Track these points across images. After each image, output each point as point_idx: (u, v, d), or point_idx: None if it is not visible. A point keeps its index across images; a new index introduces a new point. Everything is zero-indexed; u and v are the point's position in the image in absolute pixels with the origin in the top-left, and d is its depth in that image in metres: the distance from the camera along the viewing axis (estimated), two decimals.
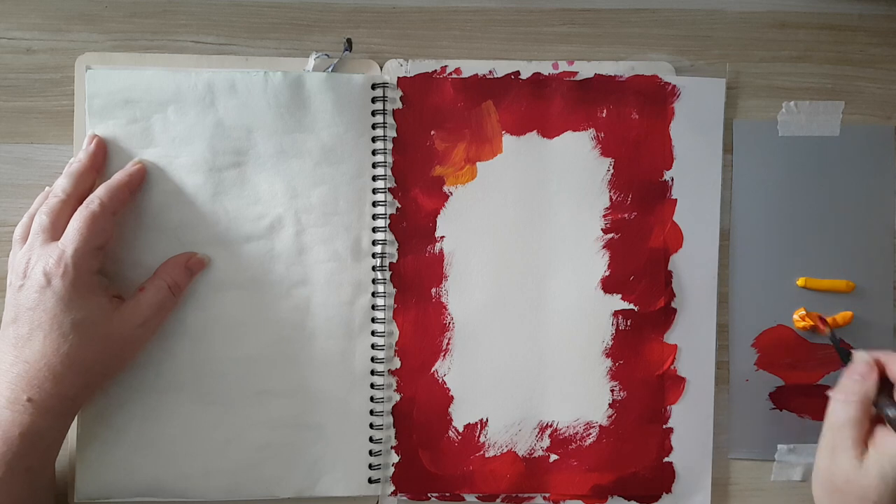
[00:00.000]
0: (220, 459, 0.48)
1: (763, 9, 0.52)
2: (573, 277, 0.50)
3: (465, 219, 0.50)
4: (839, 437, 0.40)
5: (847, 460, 0.40)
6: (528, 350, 0.50)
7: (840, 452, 0.40)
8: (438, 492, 0.50)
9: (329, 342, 0.49)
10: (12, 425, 0.41)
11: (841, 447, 0.40)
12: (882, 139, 0.52)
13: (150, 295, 0.46)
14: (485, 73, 0.51)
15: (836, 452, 0.40)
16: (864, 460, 0.39)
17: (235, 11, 0.51)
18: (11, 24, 0.50)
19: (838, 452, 0.40)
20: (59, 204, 0.45)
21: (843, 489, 0.40)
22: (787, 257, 0.51)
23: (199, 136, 0.48)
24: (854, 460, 0.39)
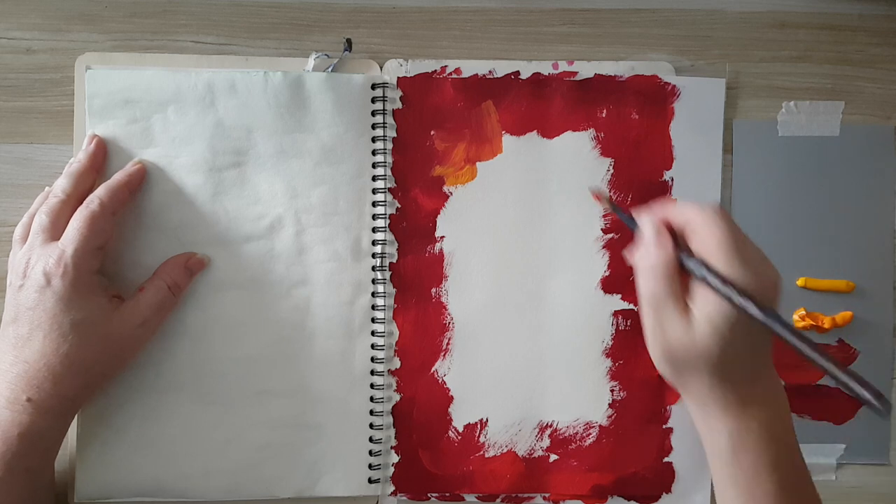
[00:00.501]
0: (220, 459, 0.48)
1: (763, 9, 0.52)
2: (573, 277, 0.50)
3: (465, 219, 0.50)
4: (661, 310, 0.39)
5: (677, 329, 0.39)
6: (528, 350, 0.50)
7: (668, 324, 0.39)
8: (438, 492, 0.50)
9: (329, 342, 0.49)
10: (12, 425, 0.41)
11: (668, 318, 0.39)
12: (882, 139, 0.52)
13: (150, 295, 0.46)
14: (485, 73, 0.51)
15: (665, 325, 0.39)
16: (691, 321, 0.38)
17: (235, 11, 0.51)
18: (11, 24, 0.50)
19: (666, 324, 0.39)
20: (58, 204, 0.45)
21: (685, 356, 0.39)
22: (787, 257, 0.51)
23: (199, 136, 0.48)
24: (684, 326, 0.39)
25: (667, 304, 0.39)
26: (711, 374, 0.40)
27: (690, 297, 0.39)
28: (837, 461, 0.51)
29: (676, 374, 0.41)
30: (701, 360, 0.39)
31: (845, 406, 0.51)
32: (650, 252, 0.41)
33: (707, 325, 0.38)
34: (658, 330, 0.40)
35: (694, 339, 0.39)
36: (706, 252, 0.39)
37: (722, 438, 0.40)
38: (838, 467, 0.51)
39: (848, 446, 0.51)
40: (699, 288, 0.39)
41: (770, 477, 0.39)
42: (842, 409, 0.51)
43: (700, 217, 0.40)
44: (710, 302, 0.38)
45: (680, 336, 0.39)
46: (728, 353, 0.39)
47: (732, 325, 0.38)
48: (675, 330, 0.39)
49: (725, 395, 0.40)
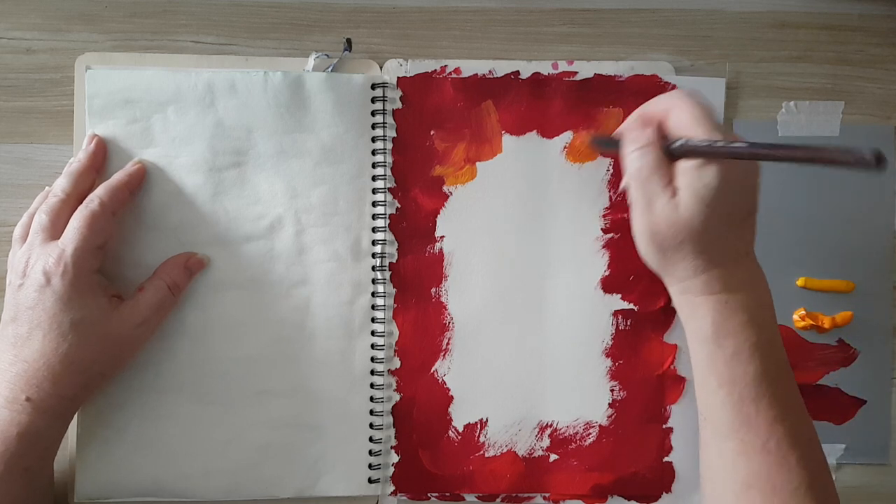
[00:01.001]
0: (220, 459, 0.48)
1: (763, 9, 0.52)
2: (573, 277, 0.50)
3: (465, 219, 0.50)
4: (649, 187, 0.40)
5: (664, 204, 0.39)
6: (528, 350, 0.50)
7: (655, 200, 0.40)
8: (438, 492, 0.50)
9: (329, 342, 0.49)
10: (10, 425, 0.41)
11: (654, 194, 0.40)
12: (882, 139, 0.52)
13: (150, 295, 0.46)
14: (485, 73, 0.51)
15: (652, 201, 0.40)
16: (677, 196, 0.39)
17: (235, 11, 0.51)
18: (11, 24, 0.50)
19: (654, 201, 0.40)
20: (58, 203, 0.45)
21: (671, 233, 0.40)
22: (787, 257, 0.51)
23: (199, 136, 0.48)
24: (670, 201, 0.39)
25: (652, 180, 0.40)
26: (696, 254, 0.40)
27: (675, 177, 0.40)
28: (837, 461, 0.51)
29: (661, 257, 0.41)
30: (685, 235, 0.39)
31: (845, 406, 0.51)
32: (634, 136, 0.41)
33: (692, 197, 0.39)
34: (645, 208, 0.40)
35: (679, 213, 0.39)
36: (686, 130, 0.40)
37: (705, 323, 0.40)
38: (838, 467, 0.51)
39: (848, 446, 0.51)
40: (684, 165, 0.39)
41: (751, 362, 0.39)
42: (842, 409, 0.51)
43: (673, 102, 0.41)
44: (695, 175, 0.39)
45: (666, 212, 0.39)
46: (712, 227, 0.39)
47: (717, 197, 0.38)
48: (661, 205, 0.40)
49: (709, 278, 0.40)
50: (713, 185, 0.38)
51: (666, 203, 0.39)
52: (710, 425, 0.41)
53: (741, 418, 0.39)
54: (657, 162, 0.40)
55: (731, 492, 0.39)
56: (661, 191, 0.40)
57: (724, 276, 0.40)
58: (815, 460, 0.39)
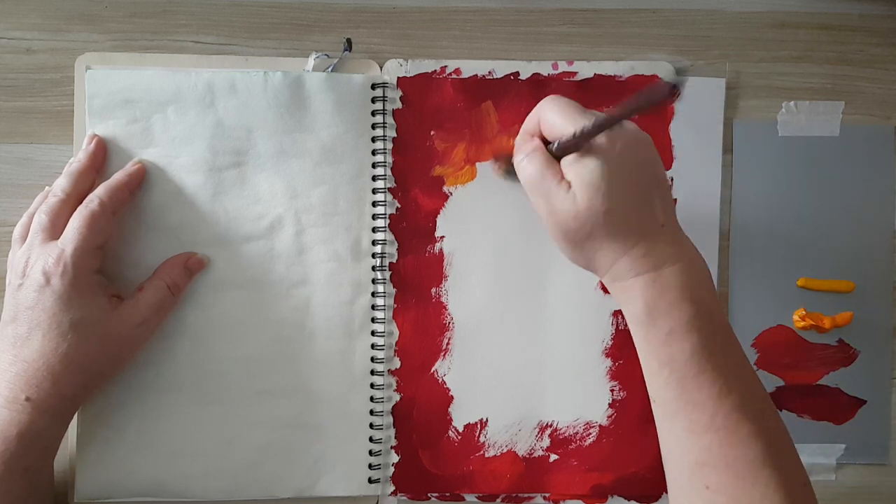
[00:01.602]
0: (220, 459, 0.48)
1: (763, 9, 0.52)
2: (573, 277, 0.50)
3: (465, 219, 0.50)
4: (545, 187, 0.40)
5: (562, 199, 0.39)
6: (528, 350, 0.50)
7: (553, 198, 0.40)
8: (438, 492, 0.50)
9: (329, 342, 0.49)
10: (10, 425, 0.41)
11: (551, 193, 0.40)
12: (882, 139, 0.52)
13: (149, 295, 0.46)
14: (484, 74, 0.51)
15: (551, 201, 0.40)
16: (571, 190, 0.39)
17: (235, 11, 0.51)
18: (11, 24, 0.50)
19: (552, 200, 0.40)
20: (58, 203, 0.45)
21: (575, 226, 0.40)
22: (787, 257, 0.51)
23: (199, 136, 0.48)
24: (566, 195, 0.39)
25: (545, 179, 0.40)
26: (609, 238, 0.40)
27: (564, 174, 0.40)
28: (837, 461, 0.51)
29: (580, 251, 0.41)
30: (591, 223, 0.39)
31: (845, 406, 0.51)
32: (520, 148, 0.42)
33: (583, 186, 0.39)
34: (547, 209, 0.41)
35: (577, 203, 0.39)
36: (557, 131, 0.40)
37: (637, 305, 0.40)
38: (838, 467, 0.51)
39: (848, 446, 0.51)
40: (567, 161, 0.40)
41: (687, 339, 0.38)
42: (842, 409, 0.51)
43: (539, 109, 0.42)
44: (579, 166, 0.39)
45: (566, 205, 0.39)
46: (613, 206, 0.39)
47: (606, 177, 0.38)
48: (559, 201, 0.40)
49: (630, 260, 0.40)
50: (597, 168, 0.38)
51: (564, 198, 0.39)
52: (658, 406, 0.40)
53: (685, 397, 0.38)
54: (544, 163, 0.40)
55: (686, 470, 0.39)
56: (555, 188, 0.40)
57: (644, 253, 0.40)
58: (770, 430, 0.38)
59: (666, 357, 0.39)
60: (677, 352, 0.39)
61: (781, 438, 0.39)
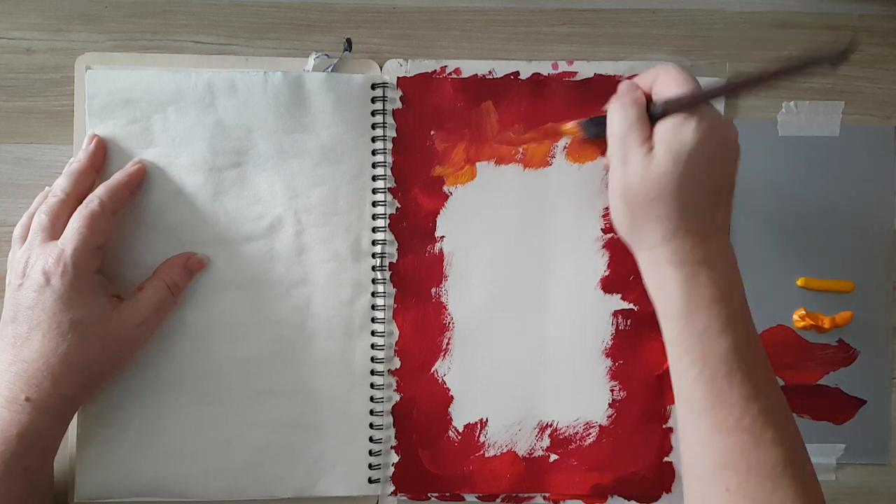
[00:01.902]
0: (220, 459, 0.48)
1: (763, 9, 0.52)
2: (573, 277, 0.50)
3: (465, 219, 0.50)
4: (627, 143, 0.40)
5: (638, 159, 0.39)
6: (528, 350, 0.50)
7: (631, 156, 0.40)
8: (438, 492, 0.50)
9: (329, 342, 0.49)
10: (10, 425, 0.41)
11: (631, 151, 0.40)
12: (882, 139, 0.52)
13: (149, 295, 0.46)
14: (484, 74, 0.51)
15: (627, 158, 0.40)
16: (652, 154, 0.39)
17: (235, 11, 0.51)
18: (11, 24, 0.50)
19: (629, 157, 0.40)
20: (58, 203, 0.45)
21: (640, 189, 0.40)
22: (787, 257, 0.51)
23: (199, 136, 0.48)
24: (645, 157, 0.39)
25: (630, 135, 0.40)
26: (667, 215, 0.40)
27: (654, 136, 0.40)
28: (837, 461, 0.51)
29: (631, 217, 0.41)
30: (656, 192, 0.39)
31: (845, 406, 0.51)
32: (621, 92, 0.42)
33: (666, 153, 0.39)
34: (620, 164, 0.41)
35: (651, 168, 0.39)
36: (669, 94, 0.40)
37: (675, 297, 0.40)
38: (838, 467, 0.51)
39: (848, 446, 0.51)
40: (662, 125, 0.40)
41: (722, 337, 0.39)
42: (842, 409, 0.51)
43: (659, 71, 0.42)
44: (671, 133, 0.39)
45: (640, 167, 0.39)
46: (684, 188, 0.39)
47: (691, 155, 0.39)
48: (635, 161, 0.40)
49: (678, 247, 0.40)
50: (689, 142, 0.38)
51: (641, 159, 0.39)
52: (684, 404, 0.40)
53: (714, 395, 0.38)
54: (637, 118, 0.40)
55: (707, 470, 0.38)
56: (637, 146, 0.40)
57: (694, 246, 0.40)
58: (791, 437, 0.39)
59: (699, 354, 0.39)
60: (710, 350, 0.39)
61: (799, 446, 0.39)
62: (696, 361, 0.39)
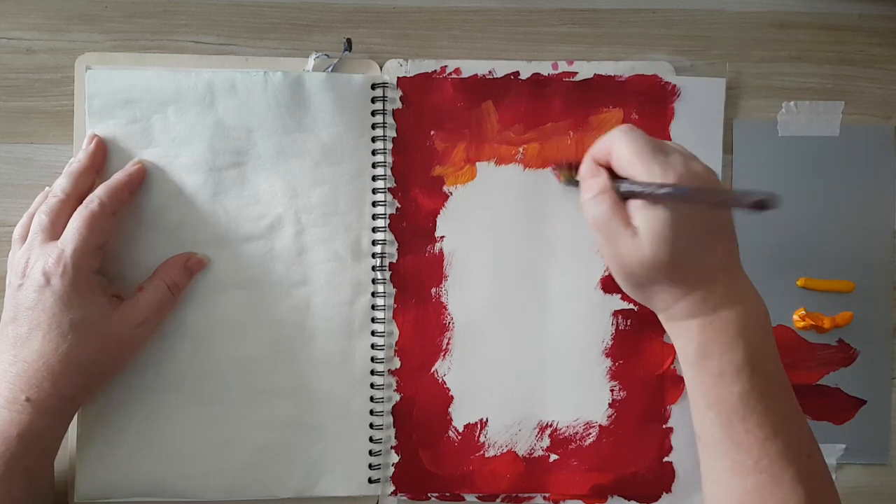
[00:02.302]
0: (220, 459, 0.48)
1: (763, 9, 0.52)
2: (573, 277, 0.50)
3: (465, 219, 0.50)
4: (610, 230, 0.40)
5: (628, 245, 0.40)
6: (528, 350, 0.50)
7: (619, 242, 0.40)
8: (438, 492, 0.50)
9: (329, 342, 0.49)
10: (10, 425, 0.41)
11: (617, 237, 0.40)
12: (882, 139, 0.52)
13: (149, 295, 0.46)
14: (484, 74, 0.51)
15: (617, 245, 0.40)
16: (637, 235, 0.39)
17: (235, 11, 0.51)
18: (11, 24, 0.50)
19: (618, 243, 0.40)
20: (58, 204, 0.45)
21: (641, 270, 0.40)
22: (787, 257, 0.51)
23: (199, 136, 0.48)
24: (632, 240, 0.39)
25: (612, 223, 0.40)
26: (671, 283, 0.40)
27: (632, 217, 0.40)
28: (837, 461, 0.51)
29: (639, 290, 0.42)
30: (655, 270, 0.39)
31: (845, 406, 0.51)
32: (587, 184, 0.42)
33: (650, 234, 0.39)
34: (611, 251, 0.41)
35: (643, 250, 0.39)
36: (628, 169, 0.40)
37: (689, 346, 0.40)
38: (838, 467, 0.51)
39: (848, 446, 0.51)
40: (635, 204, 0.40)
41: (737, 382, 0.38)
42: (842, 409, 0.51)
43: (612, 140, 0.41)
44: (648, 213, 0.39)
45: (631, 251, 0.40)
46: (679, 257, 0.39)
47: (675, 228, 0.38)
48: (625, 246, 0.40)
49: (691, 303, 0.40)
50: (667, 218, 0.38)
51: (630, 243, 0.40)
52: (704, 445, 0.41)
53: (731, 438, 0.39)
54: (613, 207, 0.40)
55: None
56: (622, 232, 0.40)
57: (703, 298, 0.40)
58: (815, 475, 0.39)
59: (714, 398, 0.39)
60: (726, 394, 0.39)
61: (825, 484, 0.39)
62: (711, 406, 0.39)
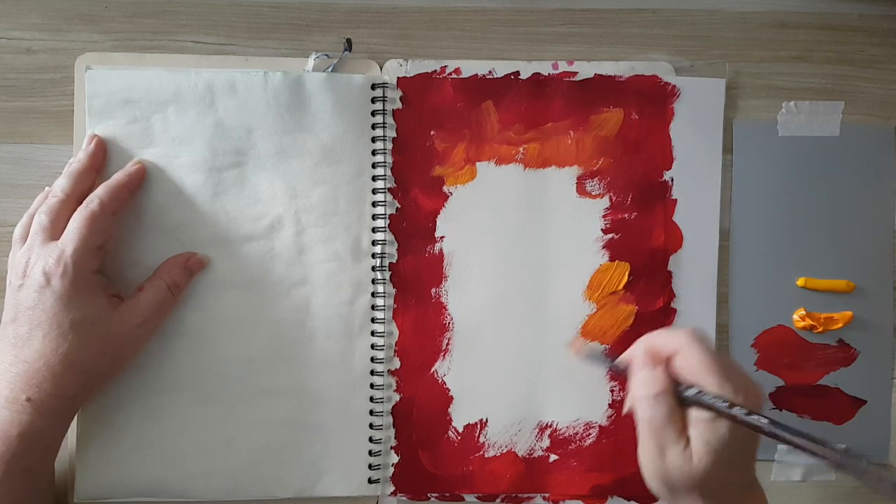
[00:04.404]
0: (220, 459, 0.48)
1: (763, 9, 0.52)
2: (573, 277, 0.50)
3: (465, 219, 0.50)
4: (663, 436, 0.39)
5: (677, 456, 0.39)
6: (528, 350, 0.50)
7: (669, 450, 0.39)
8: (438, 492, 0.50)
9: (329, 342, 0.49)
10: (11, 425, 0.41)
11: (668, 444, 0.39)
12: (882, 139, 0.52)
13: (150, 295, 0.46)
14: (484, 74, 0.51)
15: (665, 451, 0.39)
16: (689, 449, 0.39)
17: (235, 11, 0.51)
18: (11, 24, 0.50)
19: (667, 451, 0.39)
20: (58, 204, 0.45)
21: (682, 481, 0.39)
22: (787, 257, 0.51)
23: (199, 136, 0.48)
24: (683, 452, 0.39)
25: (666, 430, 0.39)
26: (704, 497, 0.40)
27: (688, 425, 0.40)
28: None
29: (671, 496, 0.41)
30: (696, 484, 0.39)
31: (845, 406, 0.51)
32: (648, 379, 0.41)
33: (706, 451, 0.38)
34: (657, 456, 0.40)
35: (691, 465, 0.39)
36: (696, 377, 0.39)
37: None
38: None
39: (848, 446, 0.51)
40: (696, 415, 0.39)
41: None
42: (842, 409, 0.51)
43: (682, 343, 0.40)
44: (708, 427, 0.38)
45: (679, 462, 0.39)
46: (722, 475, 0.39)
47: (728, 447, 0.38)
48: (674, 456, 0.39)
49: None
50: (726, 437, 0.38)
51: (679, 453, 0.39)
52: None
53: None
54: (671, 411, 0.39)
55: None
56: (674, 441, 0.39)
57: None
58: None
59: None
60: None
61: None
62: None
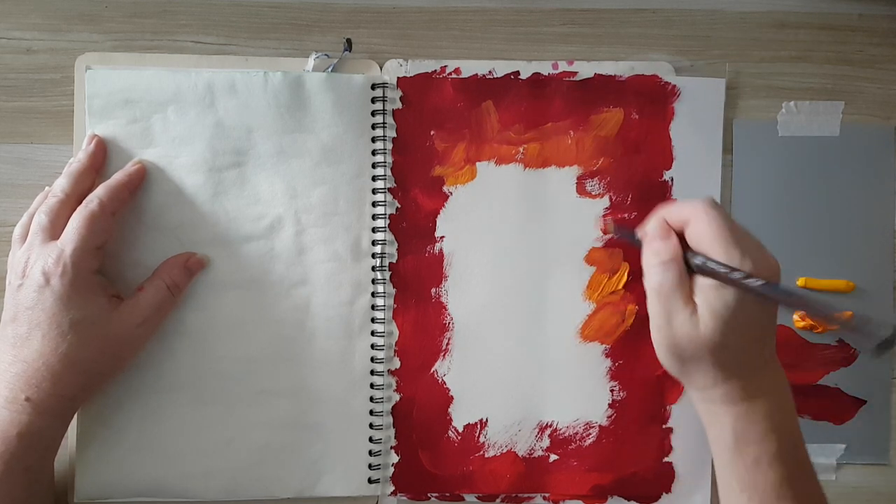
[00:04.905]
0: (220, 459, 0.48)
1: (763, 9, 0.52)
2: (573, 277, 0.50)
3: (465, 219, 0.50)
4: (670, 302, 0.40)
5: (684, 321, 0.40)
6: (528, 350, 0.50)
7: (675, 315, 0.40)
8: (438, 492, 0.50)
9: (329, 342, 0.49)
10: (10, 425, 0.41)
11: (675, 310, 0.40)
12: (882, 139, 0.52)
13: (149, 295, 0.46)
14: (484, 74, 0.51)
15: (672, 317, 0.40)
16: (697, 314, 0.39)
17: (235, 11, 0.51)
18: (11, 24, 0.51)
19: (674, 316, 0.40)
20: (58, 204, 0.45)
21: (691, 348, 0.40)
22: (786, 257, 0.51)
23: (199, 136, 0.48)
24: (690, 319, 0.40)
25: (674, 296, 0.40)
26: (716, 367, 0.40)
27: (695, 293, 0.40)
28: (837, 461, 0.51)
29: (681, 368, 0.42)
30: (706, 352, 0.40)
31: (845, 406, 0.51)
32: (658, 248, 0.42)
33: (711, 316, 0.39)
34: (665, 323, 0.41)
35: (699, 331, 0.39)
36: (705, 245, 0.40)
37: (725, 431, 0.41)
38: (838, 467, 0.51)
39: (848, 446, 0.51)
40: (703, 282, 0.40)
41: (772, 469, 0.40)
42: (842, 409, 0.51)
43: (695, 212, 0.41)
44: (713, 294, 0.39)
45: (686, 328, 0.40)
46: (732, 344, 0.39)
47: (736, 315, 0.39)
48: (681, 322, 0.40)
49: (730, 389, 0.41)
50: (732, 304, 0.39)
51: (686, 319, 0.40)
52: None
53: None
54: (679, 279, 0.40)
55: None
56: (681, 307, 0.40)
57: (743, 386, 0.41)
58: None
59: (749, 483, 0.40)
60: (760, 481, 0.40)
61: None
62: (745, 490, 0.40)
